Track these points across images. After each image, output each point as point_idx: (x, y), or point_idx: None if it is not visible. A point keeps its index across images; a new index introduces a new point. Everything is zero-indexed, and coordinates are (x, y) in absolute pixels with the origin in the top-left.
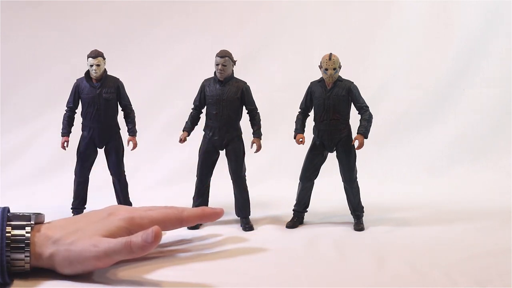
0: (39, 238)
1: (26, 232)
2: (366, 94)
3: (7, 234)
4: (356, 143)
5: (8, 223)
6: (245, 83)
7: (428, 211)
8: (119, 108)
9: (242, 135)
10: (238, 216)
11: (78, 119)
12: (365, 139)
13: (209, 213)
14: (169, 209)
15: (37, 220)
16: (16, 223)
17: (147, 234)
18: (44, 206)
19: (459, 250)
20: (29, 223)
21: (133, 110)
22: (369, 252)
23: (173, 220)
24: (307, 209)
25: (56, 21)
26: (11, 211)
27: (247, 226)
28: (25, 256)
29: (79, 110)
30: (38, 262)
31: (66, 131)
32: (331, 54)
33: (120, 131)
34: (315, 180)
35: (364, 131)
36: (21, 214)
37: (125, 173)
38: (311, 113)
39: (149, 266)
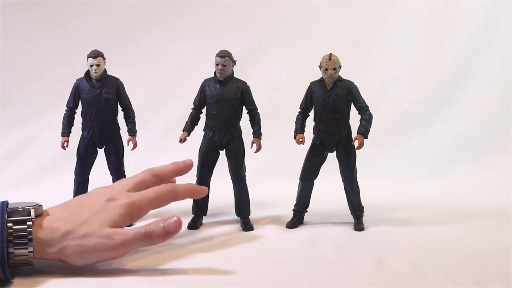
0: (43, 233)
1: (28, 227)
2: (366, 94)
3: (9, 230)
4: (356, 143)
5: (8, 219)
6: (245, 83)
7: (428, 211)
8: (119, 108)
9: (242, 135)
10: (238, 216)
11: (78, 119)
12: (365, 139)
13: (199, 190)
14: (162, 186)
15: (36, 213)
16: (16, 219)
17: (169, 224)
18: (44, 206)
19: (459, 250)
20: (29, 217)
21: (133, 110)
22: (369, 252)
23: (168, 196)
24: (307, 209)
25: (56, 21)
26: (10, 205)
27: (247, 226)
28: (29, 252)
29: (79, 110)
30: (43, 256)
31: (66, 131)
32: (331, 54)
33: (120, 131)
34: (315, 180)
35: (364, 131)
36: (20, 208)
37: (125, 173)
38: (311, 113)
39: (149, 265)
